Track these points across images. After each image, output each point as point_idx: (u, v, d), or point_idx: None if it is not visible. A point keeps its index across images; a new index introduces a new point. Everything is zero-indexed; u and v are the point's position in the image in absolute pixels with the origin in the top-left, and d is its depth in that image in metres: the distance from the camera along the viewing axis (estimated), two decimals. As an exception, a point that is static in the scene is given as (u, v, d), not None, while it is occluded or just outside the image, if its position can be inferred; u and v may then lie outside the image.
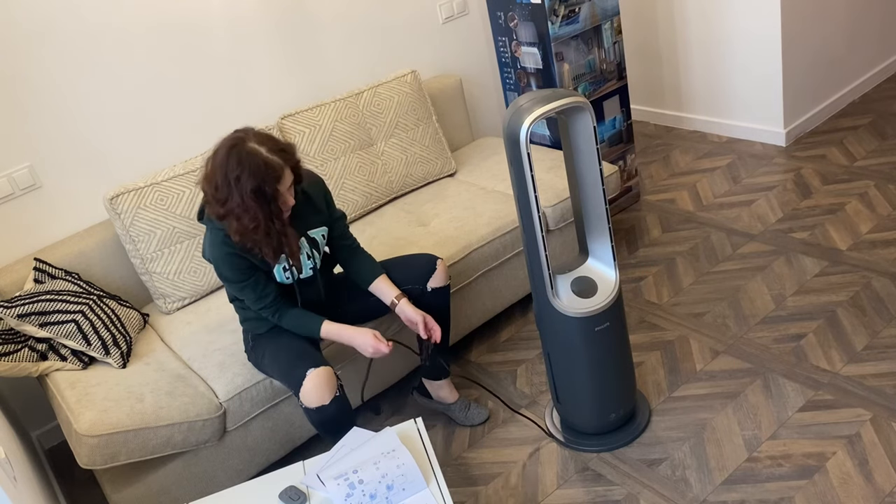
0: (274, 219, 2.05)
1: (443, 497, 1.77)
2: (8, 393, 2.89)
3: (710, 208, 3.48)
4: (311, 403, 2.13)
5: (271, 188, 1.98)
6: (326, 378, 2.13)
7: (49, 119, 2.71)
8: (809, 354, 2.54)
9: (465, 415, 2.60)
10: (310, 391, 2.12)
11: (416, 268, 2.42)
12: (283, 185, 2.02)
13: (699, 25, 3.87)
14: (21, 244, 2.76)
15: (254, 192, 1.97)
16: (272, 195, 2.00)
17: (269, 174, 1.97)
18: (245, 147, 1.98)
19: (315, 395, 2.12)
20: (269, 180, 1.97)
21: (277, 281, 2.23)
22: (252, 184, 1.96)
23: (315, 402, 2.12)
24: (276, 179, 1.98)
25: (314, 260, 2.28)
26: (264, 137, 2.03)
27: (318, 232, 2.29)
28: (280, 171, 1.99)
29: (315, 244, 2.28)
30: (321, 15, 3.23)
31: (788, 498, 2.07)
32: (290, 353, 2.22)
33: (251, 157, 1.96)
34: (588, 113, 2.01)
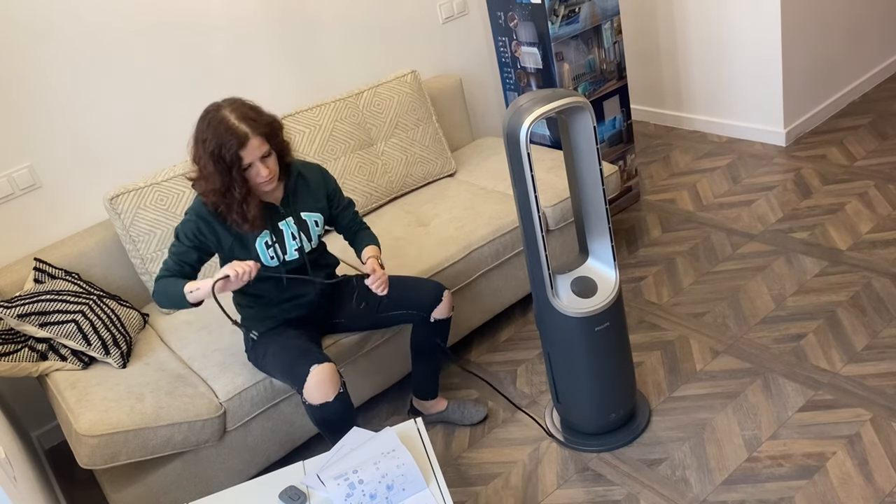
0: (234, 185, 2.06)
1: (443, 497, 1.77)
2: (8, 393, 2.89)
3: (710, 208, 3.48)
4: (315, 400, 2.12)
5: (230, 153, 2.01)
6: (330, 374, 2.13)
7: (49, 119, 2.71)
8: (809, 354, 2.54)
9: (461, 415, 2.60)
10: (313, 388, 2.11)
11: (422, 295, 2.41)
12: (248, 152, 2.02)
13: (699, 25, 3.87)
14: (21, 244, 2.76)
15: (214, 156, 2.02)
16: (232, 160, 2.02)
17: (229, 139, 2.00)
18: (217, 113, 2.04)
19: (318, 392, 2.11)
20: (228, 145, 2.00)
21: (263, 262, 2.21)
22: (212, 146, 2.02)
23: (318, 398, 2.12)
24: (238, 145, 2.00)
25: (300, 241, 2.26)
26: (240, 105, 2.07)
27: (311, 216, 2.28)
28: (243, 137, 2.01)
29: (304, 227, 2.27)
30: (321, 15, 3.23)
31: (788, 498, 2.07)
32: (292, 350, 2.22)
33: (218, 122, 2.02)
34: (588, 113, 2.01)
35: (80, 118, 2.77)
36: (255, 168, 2.06)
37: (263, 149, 2.05)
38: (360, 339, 2.54)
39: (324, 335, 2.49)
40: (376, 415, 2.75)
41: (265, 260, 2.22)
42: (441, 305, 2.41)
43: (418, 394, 2.60)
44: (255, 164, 2.05)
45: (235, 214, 2.12)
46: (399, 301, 2.41)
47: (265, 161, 2.07)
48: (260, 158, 2.05)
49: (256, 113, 2.07)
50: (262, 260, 2.22)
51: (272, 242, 2.21)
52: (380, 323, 2.47)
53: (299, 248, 2.26)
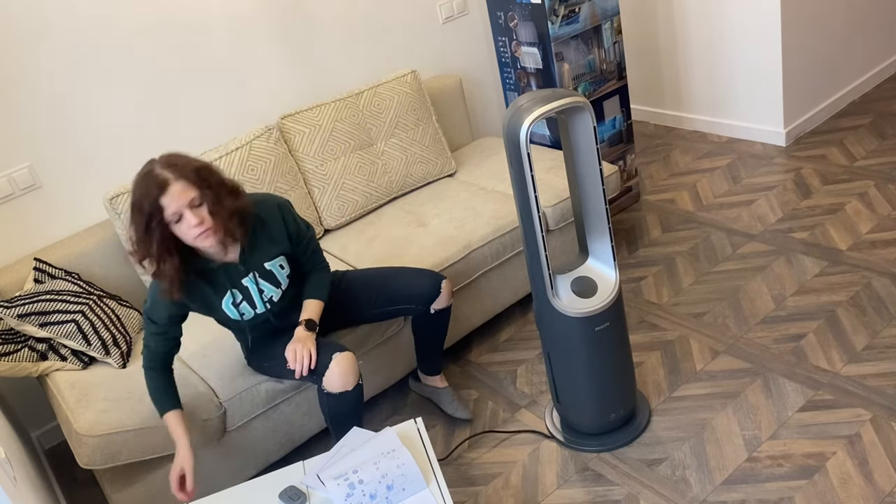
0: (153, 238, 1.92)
1: (443, 497, 1.77)
2: (8, 393, 2.89)
3: (710, 208, 3.48)
4: (335, 388, 2.12)
5: (149, 201, 1.88)
6: (350, 363, 2.14)
7: (49, 119, 2.71)
8: (809, 354, 2.54)
9: (449, 402, 2.62)
10: (336, 375, 2.11)
11: (419, 287, 2.41)
12: (169, 199, 1.88)
13: (699, 25, 3.87)
14: (21, 244, 2.76)
15: (135, 207, 1.91)
16: (152, 210, 1.89)
17: (148, 188, 1.88)
18: (147, 167, 1.93)
19: (340, 380, 2.12)
20: (147, 193, 1.88)
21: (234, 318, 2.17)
22: (135, 197, 1.91)
23: (339, 386, 2.12)
24: (158, 191, 1.88)
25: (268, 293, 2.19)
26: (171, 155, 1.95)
27: (274, 263, 2.19)
28: (163, 184, 1.87)
29: (270, 277, 2.19)
30: (321, 15, 3.23)
31: (788, 498, 2.07)
32: None
33: (144, 174, 1.91)
34: (588, 113, 2.01)
35: (79, 118, 2.76)
36: (186, 220, 1.91)
37: (190, 195, 1.90)
38: (360, 338, 2.54)
39: (324, 335, 2.49)
40: (376, 415, 2.75)
41: (234, 318, 2.18)
42: (440, 297, 2.41)
43: (420, 366, 2.64)
44: (185, 213, 1.91)
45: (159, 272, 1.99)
46: (397, 295, 2.41)
47: (196, 211, 1.92)
48: (189, 207, 1.91)
49: (187, 159, 1.94)
50: (230, 319, 2.18)
51: (238, 301, 2.15)
52: (378, 317, 2.47)
53: (269, 299, 2.20)
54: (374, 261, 2.78)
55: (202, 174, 1.95)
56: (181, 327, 2.17)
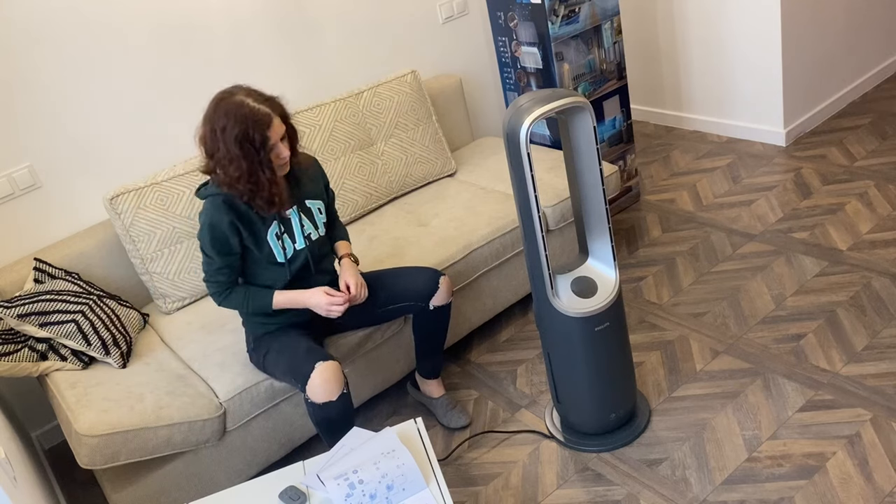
0: (263, 168, 2.06)
1: (443, 497, 1.77)
2: (8, 393, 2.89)
3: (710, 208, 3.48)
4: (318, 398, 2.12)
5: (259, 134, 2.01)
6: (335, 372, 2.13)
7: (49, 119, 2.71)
8: (809, 354, 2.54)
9: (444, 413, 2.61)
10: (318, 385, 2.11)
11: (418, 284, 2.42)
12: (273, 133, 2.04)
13: (699, 25, 3.87)
14: (21, 244, 2.76)
15: (239, 140, 2.01)
16: (260, 142, 2.02)
17: (255, 121, 2.00)
18: (232, 99, 2.03)
19: (323, 390, 2.11)
20: (255, 127, 2.00)
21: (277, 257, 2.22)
22: (237, 131, 2.00)
23: (322, 397, 2.12)
24: (265, 126, 2.02)
25: (308, 230, 2.28)
26: (252, 91, 2.07)
27: (314, 203, 2.31)
28: (267, 118, 2.02)
29: (309, 214, 2.29)
30: (321, 15, 3.23)
31: (788, 498, 2.07)
32: (295, 349, 2.22)
33: (237, 107, 2.01)
34: (588, 113, 2.01)
35: (80, 118, 2.77)
36: (277, 149, 2.08)
37: (282, 129, 2.07)
38: (360, 339, 2.54)
39: (326, 336, 2.49)
40: (376, 415, 2.75)
41: (277, 254, 2.23)
42: (439, 292, 2.41)
43: (418, 368, 2.63)
44: (277, 144, 2.07)
45: (263, 198, 2.11)
46: (396, 293, 2.41)
47: (284, 142, 2.10)
48: (280, 139, 2.07)
49: (264, 94, 2.08)
50: (274, 255, 2.23)
51: (281, 233, 2.22)
52: (380, 318, 2.47)
53: (308, 235, 2.27)
54: (374, 261, 2.78)
55: (285, 111, 2.11)
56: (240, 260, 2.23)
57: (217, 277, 2.21)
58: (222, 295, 2.24)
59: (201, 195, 2.18)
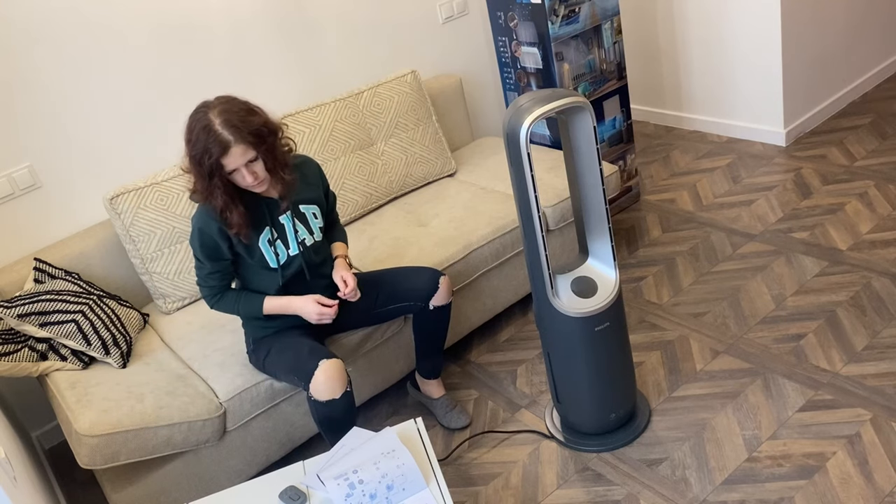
0: (216, 191, 2.02)
1: (443, 497, 1.77)
2: (8, 393, 2.89)
3: (710, 208, 3.48)
4: (322, 396, 2.12)
5: (210, 160, 1.96)
6: (338, 370, 2.13)
7: (49, 119, 2.71)
8: (809, 354, 2.54)
9: (444, 414, 2.60)
10: (322, 383, 2.11)
11: (418, 284, 2.41)
12: (230, 160, 1.97)
13: (699, 25, 3.87)
14: (21, 244, 2.76)
15: (195, 160, 1.99)
16: (212, 168, 1.97)
17: (209, 147, 1.95)
18: (202, 115, 1.98)
19: (327, 388, 2.11)
20: (209, 153, 1.95)
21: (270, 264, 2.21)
22: (196, 150, 1.98)
23: (326, 394, 2.12)
24: (220, 153, 1.95)
25: (301, 235, 2.25)
26: (229, 108, 1.98)
27: (309, 208, 2.27)
28: (224, 146, 1.94)
29: (304, 219, 2.26)
30: (321, 15, 3.23)
31: (788, 498, 2.07)
32: (298, 348, 2.22)
33: (202, 126, 1.96)
34: (588, 113, 2.01)
35: (80, 118, 2.77)
36: (240, 173, 2.02)
37: (248, 155, 1.99)
38: (361, 339, 2.54)
39: (326, 336, 2.49)
40: (376, 415, 2.75)
41: (270, 260, 2.21)
42: (439, 292, 2.41)
43: (418, 368, 2.62)
44: (240, 170, 2.01)
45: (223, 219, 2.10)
46: (396, 293, 2.41)
47: (250, 167, 2.02)
48: (245, 165, 2.00)
49: (244, 118, 1.98)
50: (266, 261, 2.21)
51: (273, 239, 2.20)
52: (380, 318, 2.47)
53: (302, 240, 2.25)
54: (374, 261, 2.78)
55: (260, 133, 2.00)
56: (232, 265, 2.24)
57: (209, 282, 2.22)
58: (214, 299, 2.25)
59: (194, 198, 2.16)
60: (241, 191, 2.11)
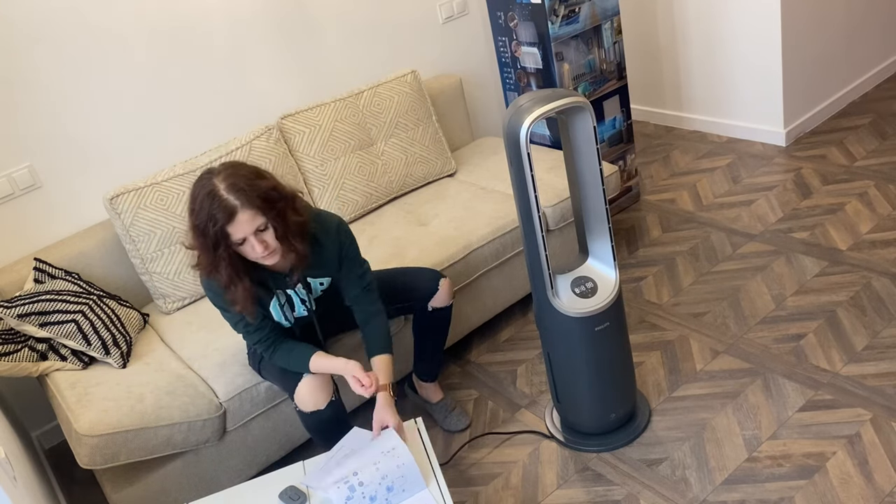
0: (220, 265, 1.88)
1: (443, 497, 1.77)
2: (8, 393, 2.89)
3: (710, 208, 3.48)
4: (306, 407, 2.12)
5: (215, 229, 1.82)
6: (321, 382, 2.13)
7: (49, 119, 2.71)
8: (809, 354, 2.54)
9: (443, 417, 2.60)
10: (305, 395, 2.11)
11: (418, 284, 2.39)
12: (236, 229, 1.83)
13: (699, 25, 3.87)
14: (21, 244, 2.76)
15: (198, 230, 1.85)
16: (217, 237, 1.83)
17: (214, 214, 1.80)
18: (208, 181, 1.84)
19: (310, 399, 2.11)
20: (214, 220, 1.80)
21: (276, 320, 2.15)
22: (197, 220, 1.84)
23: (310, 406, 2.11)
24: (226, 220, 1.81)
25: (308, 304, 2.18)
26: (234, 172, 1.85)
27: (316, 281, 2.17)
28: (230, 212, 1.80)
29: (310, 288, 2.16)
30: (321, 15, 3.23)
31: (788, 498, 2.07)
32: None
33: (206, 192, 1.82)
34: (588, 113, 2.01)
35: (80, 118, 2.76)
36: (250, 243, 1.86)
37: (257, 222, 1.84)
38: (360, 339, 2.54)
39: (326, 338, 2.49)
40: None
41: (278, 317, 2.14)
42: (439, 294, 2.39)
43: (416, 370, 2.61)
44: (249, 239, 1.85)
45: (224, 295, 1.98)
46: (396, 294, 2.40)
47: (259, 235, 1.86)
48: (254, 233, 1.85)
49: (251, 181, 1.84)
50: (275, 318, 2.15)
51: (282, 303, 2.13)
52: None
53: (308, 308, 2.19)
54: (374, 261, 2.78)
55: (269, 198, 1.86)
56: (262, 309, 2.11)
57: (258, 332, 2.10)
58: (270, 349, 2.12)
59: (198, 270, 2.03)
60: (247, 264, 1.97)
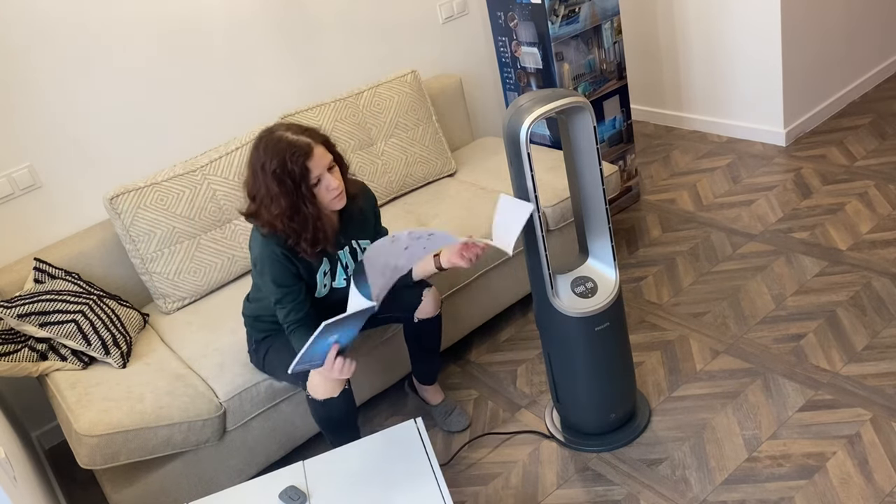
0: (305, 203, 1.98)
1: (443, 497, 1.77)
2: (8, 393, 2.89)
3: (710, 208, 3.48)
4: (319, 395, 2.12)
5: (298, 166, 1.93)
6: None
7: (49, 119, 2.71)
8: (809, 354, 2.54)
9: (444, 419, 2.60)
10: (318, 383, 2.11)
11: (403, 296, 2.36)
12: (314, 163, 1.96)
13: (699, 25, 3.87)
14: (21, 244, 2.76)
15: (278, 175, 1.94)
16: (301, 175, 1.94)
17: (294, 152, 1.93)
18: (270, 136, 1.98)
19: (323, 387, 2.11)
20: (293, 158, 1.93)
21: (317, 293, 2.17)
22: (275, 165, 1.93)
23: (323, 394, 2.11)
24: (304, 156, 1.94)
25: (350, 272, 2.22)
26: (292, 124, 2.02)
27: (363, 244, 2.24)
28: (306, 147, 1.94)
29: (355, 255, 2.23)
30: (321, 15, 3.23)
31: (788, 498, 2.07)
32: None
33: (276, 141, 1.95)
34: (588, 113, 2.01)
35: (80, 118, 2.77)
36: (325, 180, 1.99)
37: (327, 158, 1.99)
38: (361, 339, 2.54)
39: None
40: (376, 415, 2.75)
41: (319, 291, 2.18)
42: (423, 305, 2.35)
43: (414, 372, 2.61)
44: (324, 175, 1.98)
45: (307, 238, 2.03)
46: (384, 304, 2.37)
47: (332, 172, 2.01)
48: (328, 169, 1.99)
49: (303, 126, 2.02)
50: (316, 291, 2.18)
51: (327, 271, 2.17)
52: (374, 323, 2.46)
53: (347, 277, 2.23)
54: (374, 261, 2.78)
55: (329, 141, 2.03)
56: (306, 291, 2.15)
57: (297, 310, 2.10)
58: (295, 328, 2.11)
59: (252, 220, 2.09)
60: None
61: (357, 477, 1.88)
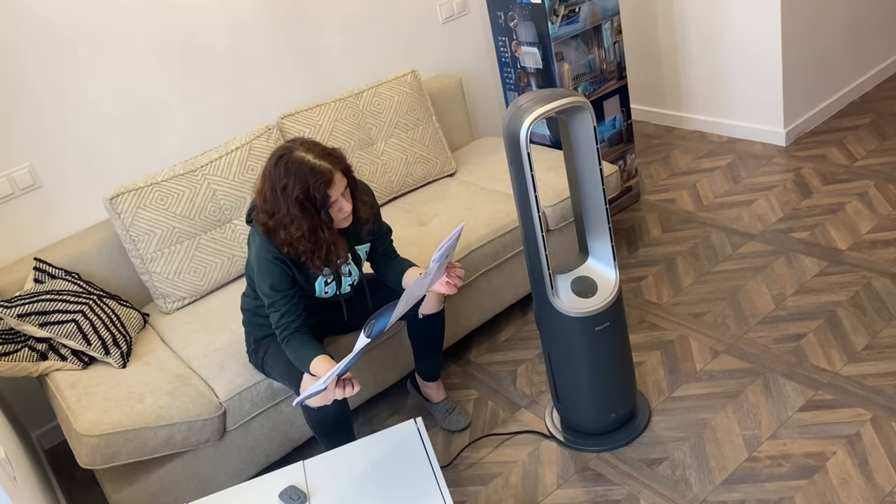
0: (323, 227, 2.01)
1: (443, 497, 1.77)
2: (8, 393, 2.89)
3: (710, 208, 3.48)
4: (313, 402, 2.12)
5: (320, 193, 1.95)
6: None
7: (49, 119, 2.71)
8: (809, 354, 2.54)
9: (444, 418, 2.60)
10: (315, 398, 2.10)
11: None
12: (335, 190, 1.98)
13: (699, 25, 3.87)
14: (21, 244, 2.76)
15: (300, 200, 1.95)
16: (322, 201, 1.97)
17: (316, 179, 1.94)
18: (292, 155, 1.96)
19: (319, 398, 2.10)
20: (317, 185, 1.94)
21: (317, 295, 2.20)
22: (299, 190, 1.94)
23: (315, 401, 2.11)
24: (326, 184, 1.95)
25: (353, 277, 2.25)
26: (311, 144, 2.01)
27: (362, 248, 2.26)
28: (329, 175, 1.95)
29: (358, 260, 2.25)
30: (321, 15, 3.23)
31: (788, 498, 2.07)
32: None
33: (298, 163, 1.94)
34: (588, 113, 2.01)
35: (80, 118, 2.77)
36: (339, 204, 2.02)
37: (344, 183, 2.01)
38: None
39: (325, 336, 2.49)
40: (376, 415, 2.75)
41: (320, 293, 2.20)
42: (426, 301, 2.37)
43: (417, 370, 2.61)
44: (339, 200, 2.01)
45: (321, 257, 2.06)
46: (387, 300, 2.40)
47: (346, 195, 2.03)
48: (342, 194, 2.02)
49: (324, 147, 2.02)
50: (316, 293, 2.20)
51: (330, 281, 2.19)
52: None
53: (352, 282, 2.26)
54: (374, 261, 2.78)
55: (347, 163, 2.04)
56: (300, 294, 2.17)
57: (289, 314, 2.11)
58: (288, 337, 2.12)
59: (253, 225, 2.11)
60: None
61: (357, 477, 1.88)
